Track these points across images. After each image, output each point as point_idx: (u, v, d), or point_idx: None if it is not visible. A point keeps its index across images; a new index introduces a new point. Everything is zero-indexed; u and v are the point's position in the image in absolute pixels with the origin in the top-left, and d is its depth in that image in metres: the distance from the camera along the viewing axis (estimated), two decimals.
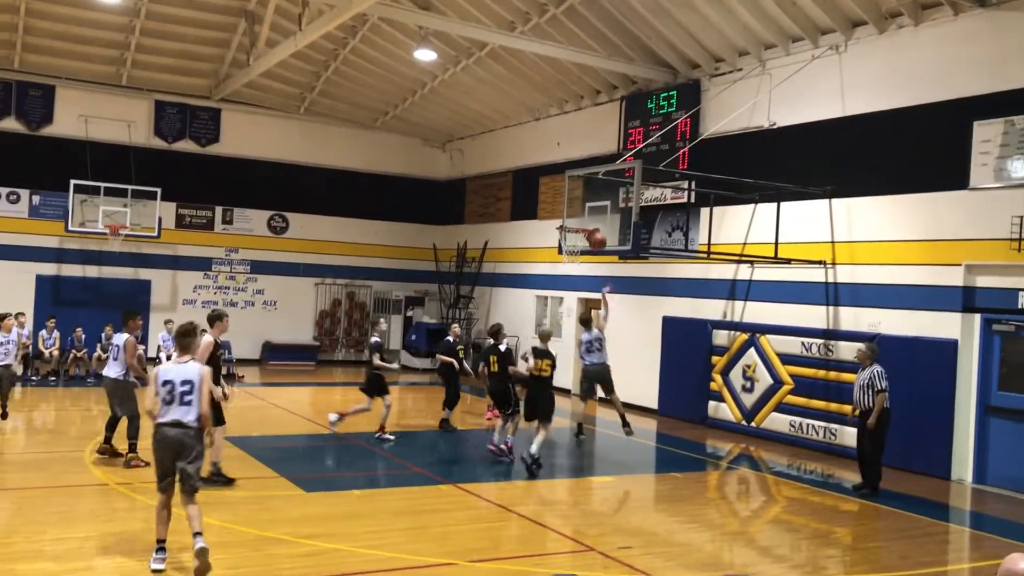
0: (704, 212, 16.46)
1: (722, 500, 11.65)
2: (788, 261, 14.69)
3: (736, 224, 16.30)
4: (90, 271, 22.28)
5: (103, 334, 19.22)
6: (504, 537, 9.06)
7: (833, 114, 14.68)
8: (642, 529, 9.60)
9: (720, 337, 16.53)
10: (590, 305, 20.35)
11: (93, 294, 21.92)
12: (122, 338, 11.34)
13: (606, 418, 15.57)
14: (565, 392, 19.35)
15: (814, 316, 14.77)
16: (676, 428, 16.41)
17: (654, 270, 18.24)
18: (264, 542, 8.16)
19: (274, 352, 24.15)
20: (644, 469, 13.24)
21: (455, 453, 13.63)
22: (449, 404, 15.01)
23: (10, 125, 21.73)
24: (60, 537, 8.07)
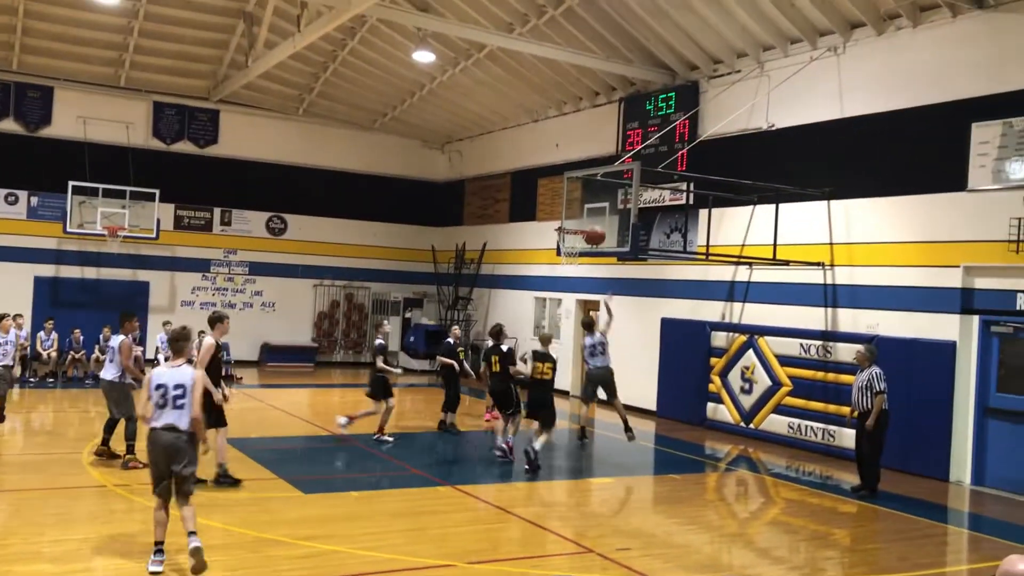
0: (703, 214, 16.47)
1: (721, 502, 11.65)
2: (786, 263, 14.69)
3: (735, 226, 16.31)
4: (88, 272, 22.27)
5: (101, 335, 19.20)
6: (503, 539, 9.05)
7: (831, 116, 14.70)
8: (641, 531, 9.60)
9: (719, 338, 16.54)
10: (589, 307, 20.38)
11: (91, 295, 21.91)
12: (118, 340, 11.34)
13: (605, 420, 15.57)
14: (564, 394, 19.35)
15: (812, 318, 14.78)
16: (675, 430, 16.41)
17: (653, 272, 18.25)
18: (262, 544, 8.15)
19: (272, 354, 24.13)
20: (643, 471, 13.24)
21: (454, 455, 13.62)
22: (450, 406, 14.97)
23: (8, 126, 21.72)
24: (58, 539, 8.07)
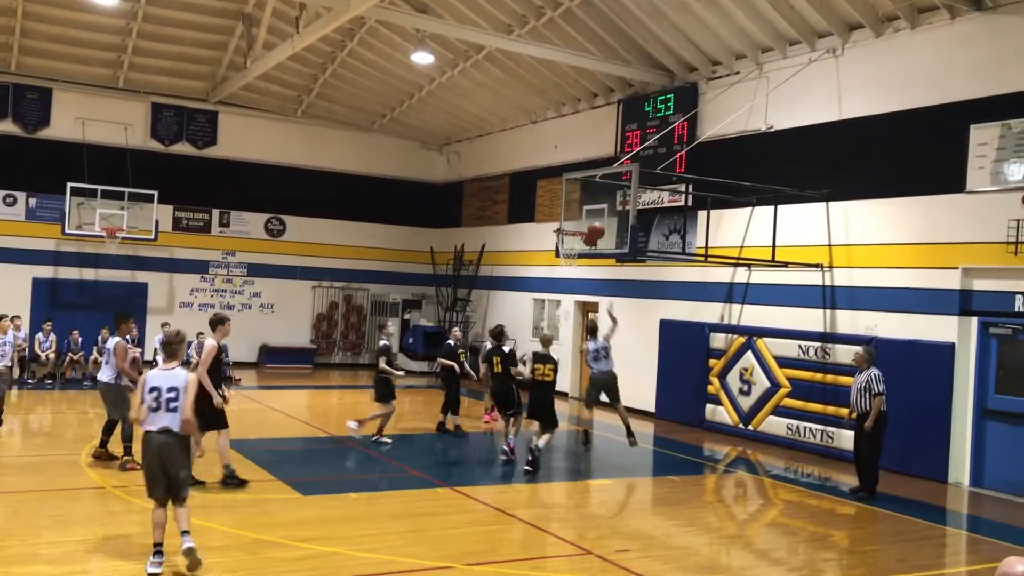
0: (701, 215, 16.47)
1: (719, 503, 11.65)
2: (785, 264, 14.70)
3: (733, 227, 16.32)
4: (87, 274, 22.25)
5: (99, 337, 19.16)
6: (502, 540, 9.05)
7: (830, 117, 14.71)
8: (640, 532, 9.60)
9: (717, 340, 16.54)
10: (588, 308, 20.38)
11: (90, 297, 21.89)
12: (113, 342, 11.31)
13: (604, 421, 15.55)
14: (563, 395, 19.33)
15: (811, 319, 14.79)
16: (673, 431, 16.41)
17: (651, 273, 18.25)
18: (261, 545, 8.14)
19: (271, 355, 24.11)
20: (641, 472, 13.23)
21: (453, 456, 13.62)
22: (452, 408, 14.91)
23: (7, 128, 21.71)
24: (56, 540, 8.06)
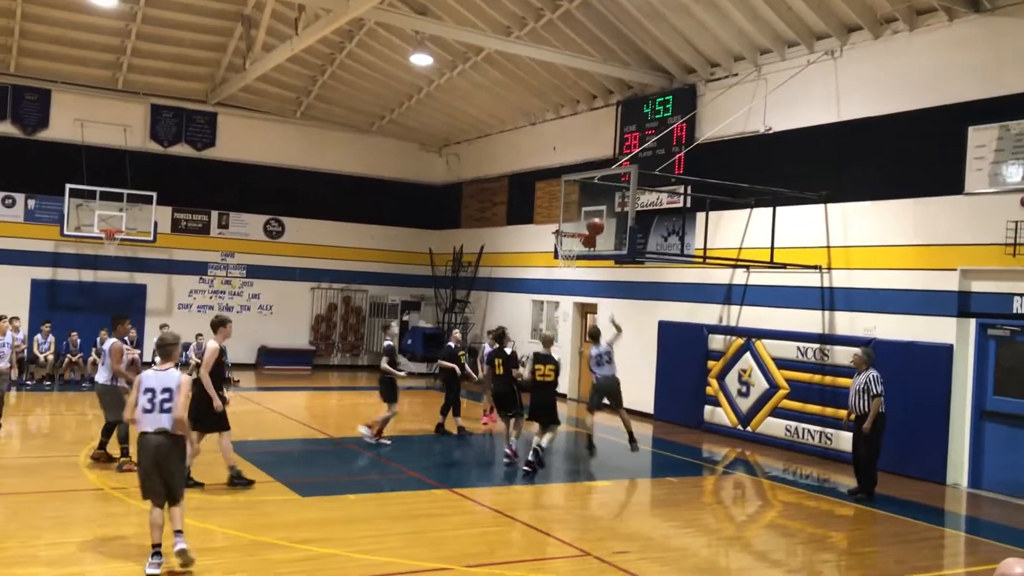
0: (700, 217, 16.48)
1: (718, 505, 11.65)
2: (784, 266, 14.71)
3: (732, 229, 16.33)
4: (86, 275, 22.24)
5: (98, 338, 19.18)
6: (500, 542, 9.04)
7: (829, 119, 14.72)
8: (638, 534, 9.60)
9: (716, 341, 16.55)
10: (586, 310, 20.40)
11: (88, 298, 21.89)
12: (109, 343, 11.31)
13: (604, 423, 15.54)
14: (561, 397, 19.32)
15: (810, 321, 14.80)
16: (672, 433, 16.42)
17: (650, 275, 18.26)
18: (259, 547, 8.14)
19: (270, 356, 24.10)
20: (640, 474, 13.23)
21: (452, 458, 13.62)
22: (453, 410, 14.91)
23: (6, 129, 21.71)
24: (55, 542, 8.06)
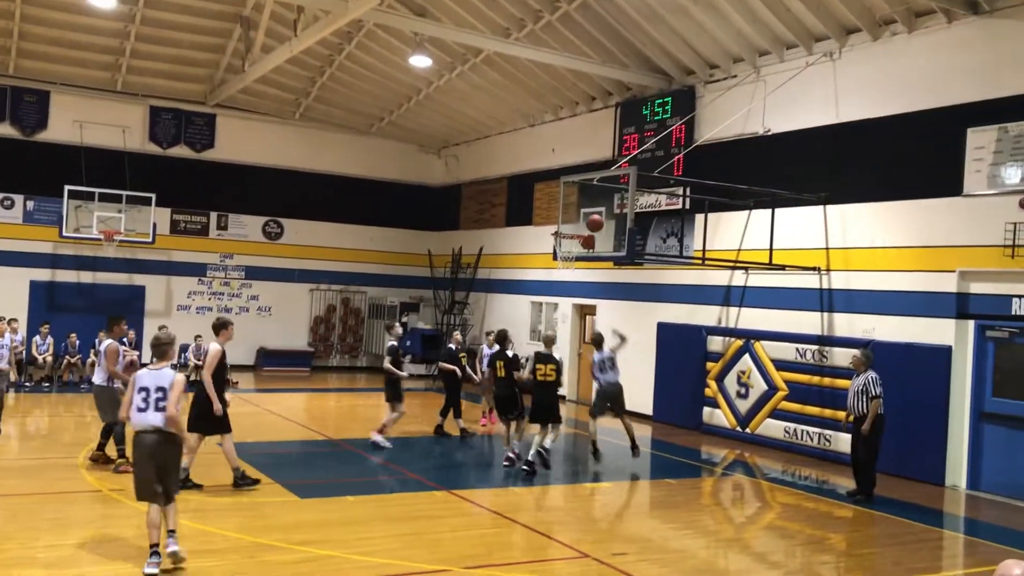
0: (699, 218, 16.49)
1: (717, 506, 11.65)
2: (783, 267, 14.72)
3: (731, 230, 16.34)
4: (84, 277, 22.23)
5: (97, 340, 19.14)
6: (498, 543, 9.04)
7: (827, 121, 14.73)
8: (637, 535, 9.61)
9: (715, 343, 16.55)
10: (585, 312, 20.40)
11: (87, 300, 21.88)
12: (105, 344, 11.29)
13: (603, 426, 15.52)
14: (561, 398, 19.30)
15: (809, 322, 14.80)
16: (671, 434, 16.42)
17: (649, 276, 18.26)
18: (258, 549, 8.14)
19: (269, 358, 24.09)
20: (639, 475, 13.22)
21: (450, 459, 13.61)
22: (454, 412, 14.90)
23: (4, 130, 21.70)
24: (53, 543, 8.06)
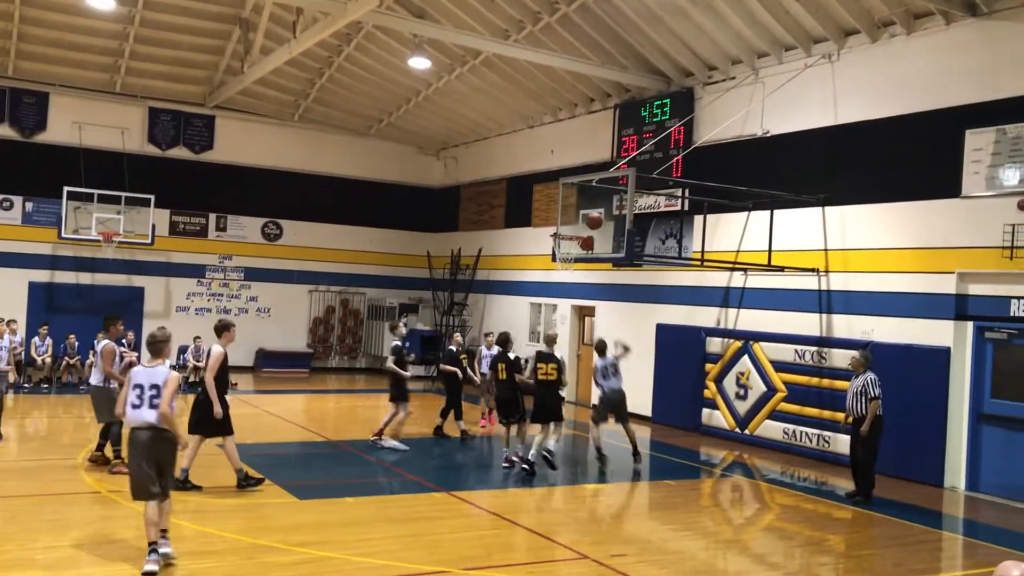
0: (698, 220, 16.50)
1: (716, 508, 11.65)
2: (781, 269, 14.73)
3: (729, 232, 16.35)
4: (83, 278, 22.23)
5: (95, 341, 19.10)
6: (497, 545, 9.04)
7: (826, 122, 14.74)
8: (636, 537, 9.61)
9: (714, 344, 16.56)
10: (584, 313, 20.40)
11: (86, 301, 21.86)
12: (102, 345, 11.29)
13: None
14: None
15: (807, 323, 14.80)
16: (670, 435, 16.43)
17: (648, 278, 18.27)
18: (257, 550, 8.14)
19: (268, 359, 24.07)
20: (638, 477, 13.23)
21: (450, 461, 13.62)
22: (455, 413, 14.90)
23: (4, 132, 21.70)
24: (52, 545, 8.06)
